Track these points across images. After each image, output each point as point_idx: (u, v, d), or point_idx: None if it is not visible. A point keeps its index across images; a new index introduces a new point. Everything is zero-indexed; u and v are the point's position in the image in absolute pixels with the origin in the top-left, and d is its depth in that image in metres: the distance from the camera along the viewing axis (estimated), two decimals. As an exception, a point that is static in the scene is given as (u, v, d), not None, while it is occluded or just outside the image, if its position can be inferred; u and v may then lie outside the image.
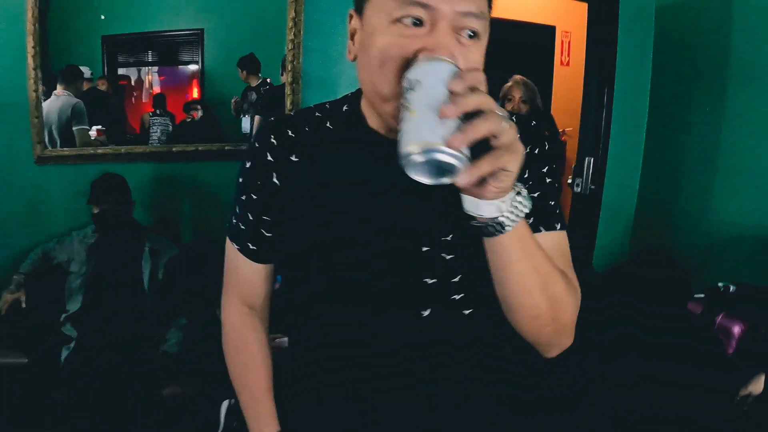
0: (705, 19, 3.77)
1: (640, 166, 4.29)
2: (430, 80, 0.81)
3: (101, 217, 2.96)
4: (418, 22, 0.90)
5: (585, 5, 4.06)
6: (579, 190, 3.44)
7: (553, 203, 1.13)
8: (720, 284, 3.13)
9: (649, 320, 3.32)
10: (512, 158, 0.80)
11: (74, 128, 3.31)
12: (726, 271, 3.37)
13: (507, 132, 0.79)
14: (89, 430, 2.59)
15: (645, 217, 4.32)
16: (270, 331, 1.30)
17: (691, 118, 3.90)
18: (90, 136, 3.36)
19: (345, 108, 1.13)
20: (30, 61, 3.04)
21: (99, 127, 3.40)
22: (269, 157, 1.11)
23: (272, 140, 1.11)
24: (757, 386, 2.50)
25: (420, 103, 0.80)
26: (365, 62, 0.96)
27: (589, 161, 3.39)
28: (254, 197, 1.14)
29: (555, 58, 5.96)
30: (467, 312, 1.13)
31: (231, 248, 1.22)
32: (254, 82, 3.66)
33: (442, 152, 0.75)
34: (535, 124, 1.13)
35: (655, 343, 3.16)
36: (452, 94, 0.79)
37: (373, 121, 1.07)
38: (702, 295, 3.13)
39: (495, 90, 4.04)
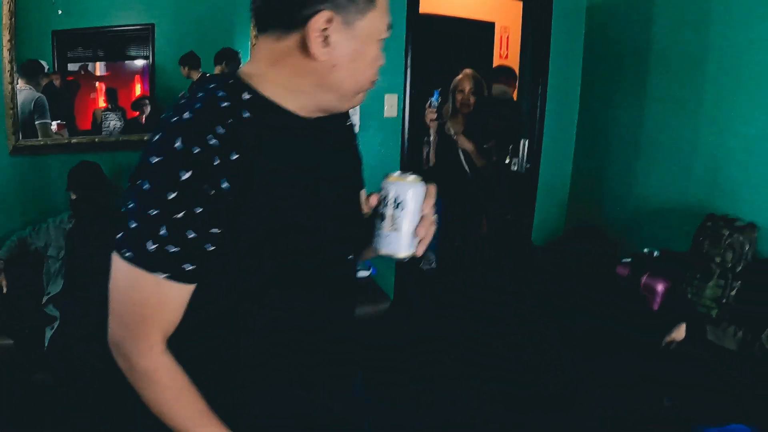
0: (629, 17, 4.02)
1: (573, 148, 4.56)
2: (413, 205, 1.08)
3: (78, 203, 3.01)
4: None
5: (521, 3, 4.35)
6: (516, 168, 3.70)
7: None
8: (645, 250, 3.44)
9: (582, 285, 3.59)
10: None
11: (36, 122, 3.28)
12: (650, 240, 3.62)
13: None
14: (73, 410, 2.61)
15: (578, 195, 4.59)
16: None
17: (616, 104, 4.15)
18: (51, 131, 3.36)
19: (246, 96, 1.05)
20: (5, 54, 3.01)
21: (59, 121, 3.40)
22: (216, 161, 0.96)
23: (212, 141, 0.96)
24: (679, 333, 2.72)
25: (405, 222, 1.09)
26: (356, 65, 1.08)
27: (524, 143, 3.65)
28: (199, 210, 0.96)
29: (494, 51, 6.17)
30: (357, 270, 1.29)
31: (147, 281, 1.00)
32: (196, 77, 3.63)
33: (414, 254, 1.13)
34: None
35: (588, 305, 3.44)
36: (425, 217, 1.09)
37: (291, 105, 1.09)
38: (629, 260, 3.40)
39: (446, 81, 4.28)
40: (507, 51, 6.12)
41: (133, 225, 0.98)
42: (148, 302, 1.02)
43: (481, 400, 3.31)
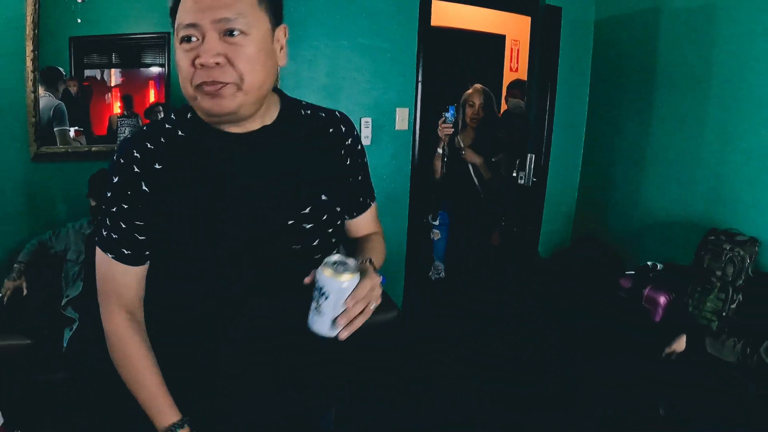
0: (635, 32, 4.07)
1: (580, 163, 4.63)
2: (335, 298, 1.13)
3: (97, 209, 3.03)
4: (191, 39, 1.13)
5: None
6: (522, 182, 3.75)
7: (370, 179, 1.51)
8: (648, 263, 3.49)
9: (585, 296, 3.64)
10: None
11: (55, 129, 3.33)
12: (654, 253, 3.69)
13: (377, 300, 1.19)
14: (88, 410, 2.63)
15: (585, 208, 4.65)
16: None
17: (623, 118, 4.20)
18: (70, 137, 3.40)
19: (189, 115, 1.26)
20: (29, 63, 3.10)
21: (77, 128, 3.43)
22: (136, 169, 1.20)
23: (135, 154, 1.20)
24: (679, 344, 2.75)
25: (328, 309, 1.14)
26: (178, 71, 1.18)
27: (531, 157, 3.70)
28: (125, 207, 1.21)
29: (505, 64, 6.22)
30: None
31: (104, 259, 1.27)
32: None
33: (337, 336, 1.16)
34: (341, 115, 1.41)
35: (590, 315, 3.49)
36: (347, 310, 1.13)
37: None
38: (632, 272, 3.47)
39: (457, 94, 4.35)
40: (517, 64, 6.15)
41: (100, 217, 1.27)
42: (105, 276, 1.30)
43: (481, 400, 3.36)
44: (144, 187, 1.20)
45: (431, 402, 3.33)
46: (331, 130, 1.36)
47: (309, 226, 1.28)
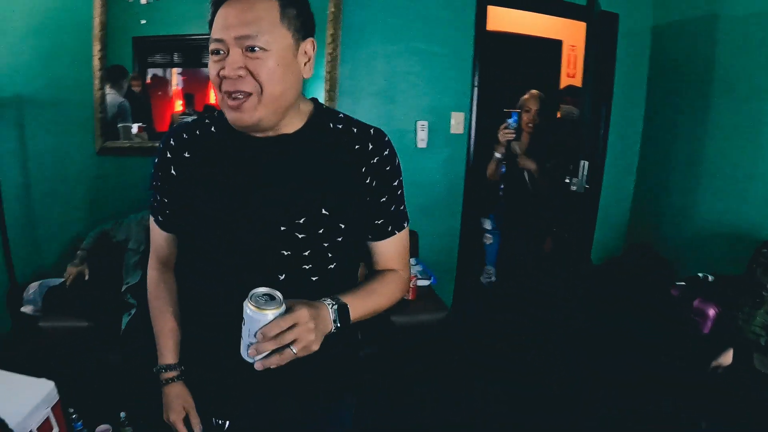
0: (694, 39, 4.02)
1: (635, 169, 4.59)
2: (247, 328, 1.14)
3: None
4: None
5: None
6: (575, 189, 3.73)
7: (402, 207, 1.46)
8: (700, 274, 3.43)
9: (635, 305, 3.63)
10: (303, 351, 1.16)
11: (119, 125, 3.51)
12: (706, 264, 3.62)
13: (303, 342, 1.15)
14: (140, 393, 2.66)
15: (638, 216, 4.61)
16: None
17: (679, 128, 4.16)
18: (132, 133, 3.57)
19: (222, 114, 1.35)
20: (96, 63, 3.30)
21: (140, 124, 3.59)
22: (168, 155, 1.39)
23: (171, 142, 1.39)
24: (726, 358, 2.75)
25: (244, 335, 1.15)
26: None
27: (584, 164, 3.67)
28: (159, 184, 1.43)
29: (561, 69, 6.17)
30: (314, 279, 1.35)
31: (152, 221, 1.52)
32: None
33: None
34: (374, 132, 1.38)
35: (641, 325, 3.48)
36: (258, 343, 1.13)
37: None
38: (683, 283, 3.43)
39: (513, 99, 4.36)
40: (575, 70, 6.11)
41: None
42: (152, 233, 1.55)
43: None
44: (173, 171, 1.39)
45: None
46: (357, 147, 1.35)
47: (302, 236, 1.31)
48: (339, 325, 1.26)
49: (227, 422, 1.46)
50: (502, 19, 5.35)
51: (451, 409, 3.29)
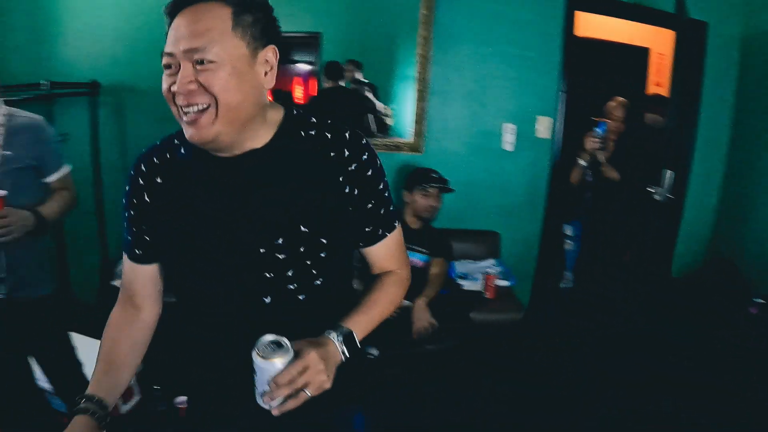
0: None
1: (720, 182, 4.53)
2: (259, 377, 1.16)
3: None
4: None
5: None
6: (659, 198, 3.68)
7: (391, 208, 1.41)
8: None
9: (712, 320, 3.60)
10: (317, 391, 1.18)
11: None
12: None
13: (316, 384, 1.17)
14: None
15: (721, 229, 4.54)
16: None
17: None
18: None
19: None
20: None
21: None
22: (141, 181, 1.32)
23: (142, 167, 1.32)
24: None
25: (258, 385, 1.16)
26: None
27: (668, 174, 3.61)
28: (133, 213, 1.35)
29: (648, 78, 6.07)
30: (301, 298, 1.30)
31: (124, 258, 1.43)
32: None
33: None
34: (350, 137, 1.32)
35: (714, 340, 3.45)
36: (272, 390, 1.14)
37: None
38: (762, 300, 3.44)
39: (598, 106, 4.35)
40: (663, 78, 5.90)
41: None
42: (123, 271, 1.45)
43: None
44: (146, 198, 1.33)
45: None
46: (332, 155, 1.29)
47: (282, 256, 1.26)
48: (348, 354, 1.27)
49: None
50: (591, 25, 5.34)
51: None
